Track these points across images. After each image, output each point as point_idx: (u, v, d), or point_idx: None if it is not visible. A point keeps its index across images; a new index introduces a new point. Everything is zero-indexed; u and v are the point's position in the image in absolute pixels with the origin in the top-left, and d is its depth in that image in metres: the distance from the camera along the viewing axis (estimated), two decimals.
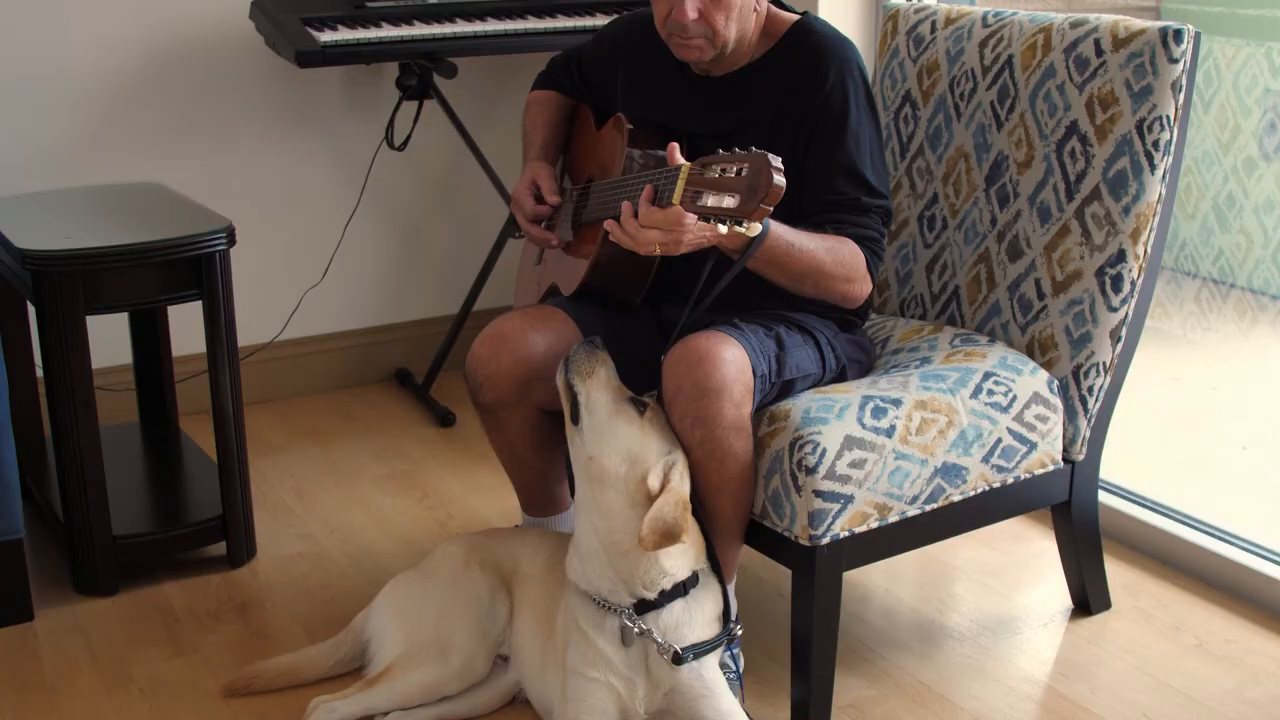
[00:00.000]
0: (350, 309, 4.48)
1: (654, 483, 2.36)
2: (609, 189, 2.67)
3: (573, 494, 2.52)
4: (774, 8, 2.73)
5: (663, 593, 2.41)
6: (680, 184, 2.28)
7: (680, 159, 2.33)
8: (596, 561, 2.43)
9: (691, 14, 2.56)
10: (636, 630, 2.40)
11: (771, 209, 2.22)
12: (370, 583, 3.11)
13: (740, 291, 2.53)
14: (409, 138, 4.16)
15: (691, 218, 2.28)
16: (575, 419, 2.43)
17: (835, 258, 2.53)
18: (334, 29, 3.78)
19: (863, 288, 2.61)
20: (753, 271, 2.48)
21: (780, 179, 2.17)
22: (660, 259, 2.58)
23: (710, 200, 2.23)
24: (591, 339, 2.50)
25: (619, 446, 2.39)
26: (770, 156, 2.18)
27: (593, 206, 2.76)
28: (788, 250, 2.45)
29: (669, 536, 2.33)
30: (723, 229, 2.24)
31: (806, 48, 2.65)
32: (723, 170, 2.23)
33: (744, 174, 2.20)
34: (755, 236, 2.30)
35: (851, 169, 2.59)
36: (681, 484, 2.39)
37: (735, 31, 2.60)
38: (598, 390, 2.43)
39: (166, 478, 3.62)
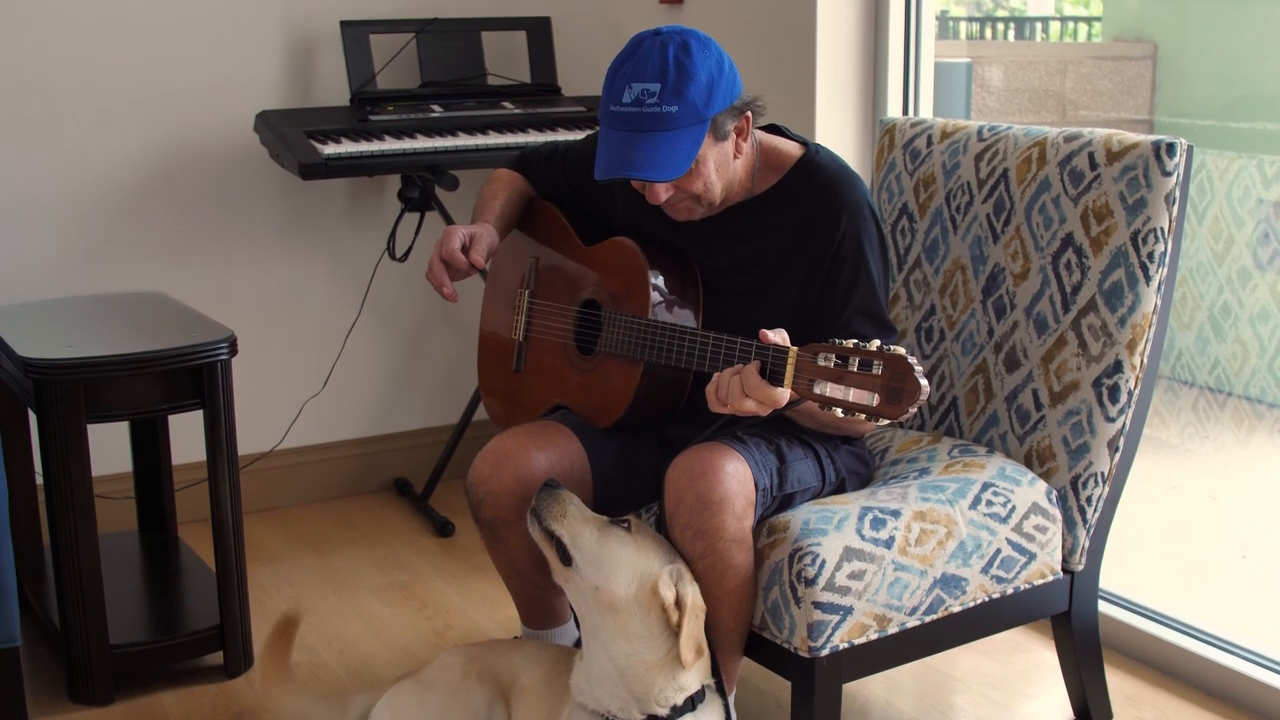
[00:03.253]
0: (350, 418, 4.49)
1: (666, 592, 2.35)
2: (655, 334, 2.59)
3: (573, 610, 2.50)
4: (775, 138, 2.71)
5: (674, 708, 2.39)
6: (790, 369, 2.26)
7: (775, 338, 2.30)
8: (609, 684, 2.40)
9: (663, 196, 2.55)
10: None
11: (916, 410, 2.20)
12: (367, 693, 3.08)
13: None
14: (410, 249, 4.19)
15: (788, 394, 2.28)
16: (566, 560, 2.41)
17: None
18: (337, 141, 3.83)
19: (870, 426, 2.62)
20: None
21: (925, 381, 2.15)
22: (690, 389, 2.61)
23: (830, 390, 2.20)
24: (548, 482, 2.48)
25: (621, 568, 2.37)
26: (910, 358, 2.15)
27: (620, 339, 2.67)
28: None
29: (701, 651, 2.35)
30: (840, 414, 2.21)
31: (814, 186, 2.62)
32: (839, 361, 2.20)
33: (880, 373, 2.16)
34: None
35: (865, 310, 2.58)
36: (696, 596, 2.39)
37: (721, 186, 2.58)
38: (577, 525, 2.42)
39: (164, 586, 3.60)
